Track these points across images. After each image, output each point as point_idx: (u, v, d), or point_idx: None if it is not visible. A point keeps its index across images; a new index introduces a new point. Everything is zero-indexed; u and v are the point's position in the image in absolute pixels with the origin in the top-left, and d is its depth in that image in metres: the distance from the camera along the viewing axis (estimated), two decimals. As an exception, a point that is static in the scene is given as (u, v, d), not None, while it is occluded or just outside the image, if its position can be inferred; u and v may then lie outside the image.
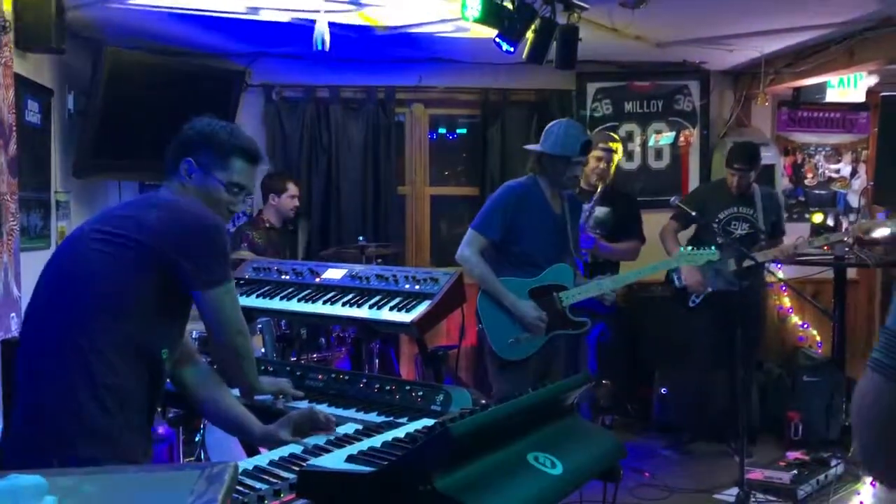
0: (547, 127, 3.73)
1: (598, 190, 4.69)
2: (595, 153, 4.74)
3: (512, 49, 4.01)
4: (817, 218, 5.27)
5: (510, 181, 3.79)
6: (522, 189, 3.63)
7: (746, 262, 4.27)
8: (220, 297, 2.08)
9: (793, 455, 4.54)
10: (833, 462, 4.39)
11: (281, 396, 2.33)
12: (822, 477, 4.26)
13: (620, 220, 4.79)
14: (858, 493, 4.21)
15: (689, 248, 4.02)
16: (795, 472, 4.23)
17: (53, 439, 1.93)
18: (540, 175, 3.65)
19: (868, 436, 1.05)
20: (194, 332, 4.06)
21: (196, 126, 2.19)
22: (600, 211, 4.74)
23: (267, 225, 5.11)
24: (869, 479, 4.29)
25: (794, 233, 5.85)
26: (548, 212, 3.64)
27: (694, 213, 4.60)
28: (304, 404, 2.27)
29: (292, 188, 5.07)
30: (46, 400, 1.95)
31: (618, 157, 4.91)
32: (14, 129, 3.77)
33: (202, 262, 2.05)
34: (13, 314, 3.75)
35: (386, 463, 1.46)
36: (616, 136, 5.01)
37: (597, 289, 3.71)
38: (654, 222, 5.06)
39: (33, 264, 4.11)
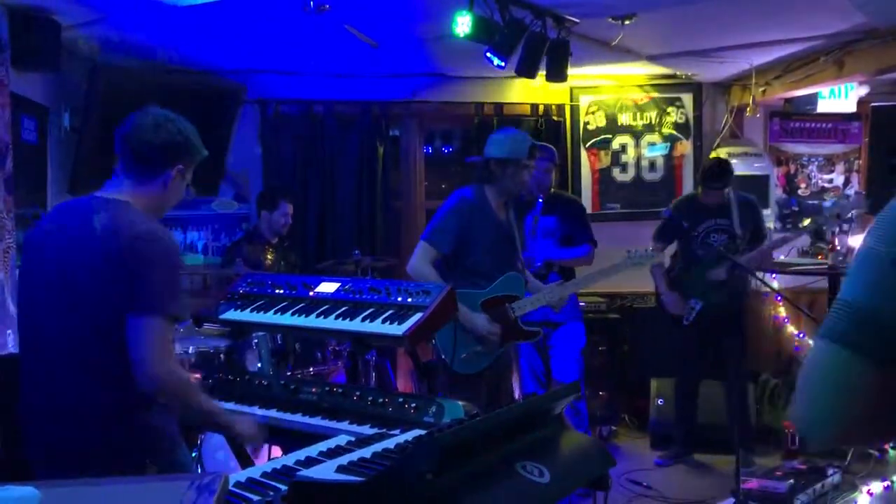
0: (489, 137, 3.71)
1: (541, 200, 4.67)
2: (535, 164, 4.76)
3: (503, 63, 4.05)
4: (806, 222, 5.31)
5: (460, 190, 3.68)
6: (471, 200, 3.56)
7: (719, 273, 4.57)
8: (156, 326, 2.04)
9: (789, 465, 4.54)
10: (830, 472, 4.39)
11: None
12: (818, 486, 4.25)
13: (568, 227, 4.78)
14: (855, 502, 4.21)
15: (633, 251, 4.17)
16: (792, 481, 4.22)
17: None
18: (487, 184, 3.60)
19: (802, 391, 1.08)
20: (190, 348, 4.09)
21: (182, 130, 2.25)
22: (547, 221, 4.74)
23: (263, 240, 5.15)
24: (866, 489, 4.30)
25: (789, 243, 5.90)
26: (496, 222, 3.60)
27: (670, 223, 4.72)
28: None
29: (284, 206, 5.11)
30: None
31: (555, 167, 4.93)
32: (10, 147, 3.80)
33: (148, 283, 2.05)
34: (9, 331, 3.76)
35: (375, 473, 1.47)
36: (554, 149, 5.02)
37: (547, 297, 3.72)
38: (647, 234, 5.07)
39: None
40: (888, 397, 1.03)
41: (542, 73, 4.38)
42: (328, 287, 2.83)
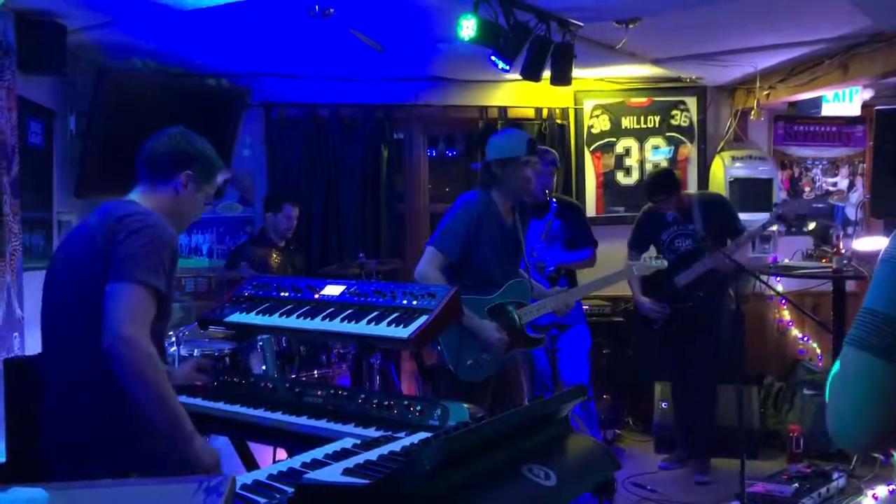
0: (488, 141, 3.65)
1: (554, 204, 4.69)
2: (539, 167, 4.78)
3: (507, 67, 4.06)
4: (811, 225, 5.30)
5: (466, 195, 3.63)
6: (478, 204, 3.51)
7: (685, 277, 4.67)
8: (129, 292, 2.05)
9: (794, 468, 4.54)
10: (835, 475, 4.39)
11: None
12: (823, 490, 4.25)
13: (571, 231, 4.81)
14: (860, 506, 4.20)
15: (641, 258, 4.22)
16: (797, 485, 4.22)
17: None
18: (493, 188, 3.55)
19: (834, 399, 1.10)
20: (196, 351, 4.10)
21: (192, 142, 2.37)
22: (553, 225, 4.76)
23: (269, 243, 5.17)
24: (871, 493, 4.29)
25: (792, 247, 5.91)
26: (503, 226, 3.55)
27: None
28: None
29: (288, 210, 5.14)
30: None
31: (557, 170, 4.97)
32: (16, 150, 3.81)
33: (123, 252, 2.08)
34: (16, 334, 3.77)
35: (381, 476, 1.48)
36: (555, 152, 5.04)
37: (553, 303, 3.70)
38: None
39: (36, 284, 4.14)
40: None
41: (546, 76, 4.39)
42: (333, 290, 2.83)
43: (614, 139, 6.04)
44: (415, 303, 2.60)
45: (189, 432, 2.12)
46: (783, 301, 5.94)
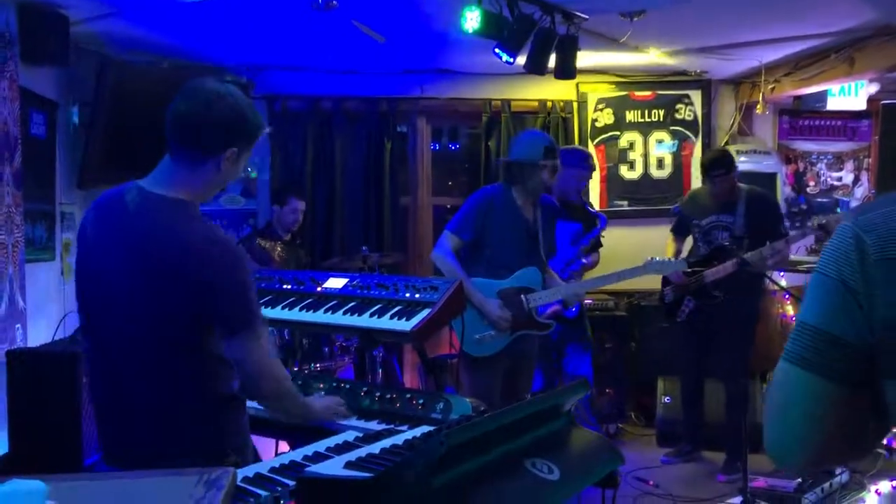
0: (512, 138, 3.85)
1: (603, 220, 4.85)
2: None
3: (511, 59, 4.04)
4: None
5: (485, 186, 3.95)
6: (495, 194, 3.76)
7: (714, 273, 4.56)
8: (255, 340, 1.96)
9: (797, 463, 4.52)
10: (838, 470, 4.37)
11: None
12: (826, 485, 4.24)
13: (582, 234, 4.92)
14: (863, 502, 4.19)
15: (658, 257, 4.19)
16: (800, 480, 4.21)
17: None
18: (512, 184, 3.76)
19: (770, 417, 1.06)
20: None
21: (239, 109, 1.99)
22: (573, 227, 4.78)
23: (275, 236, 5.16)
24: (874, 488, 4.28)
25: (797, 242, 5.88)
26: (519, 218, 3.74)
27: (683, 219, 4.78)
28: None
29: (295, 203, 5.12)
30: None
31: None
32: (19, 141, 3.81)
33: (230, 301, 1.94)
34: (18, 325, 3.78)
35: (383, 469, 1.47)
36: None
37: (564, 292, 3.84)
38: (654, 232, 5.07)
39: (38, 276, 4.15)
40: (853, 417, 1.00)
41: (550, 68, 4.37)
42: (336, 283, 2.83)
43: (618, 133, 6.02)
44: (417, 296, 2.60)
45: (312, 410, 2.22)
46: (787, 296, 5.91)
